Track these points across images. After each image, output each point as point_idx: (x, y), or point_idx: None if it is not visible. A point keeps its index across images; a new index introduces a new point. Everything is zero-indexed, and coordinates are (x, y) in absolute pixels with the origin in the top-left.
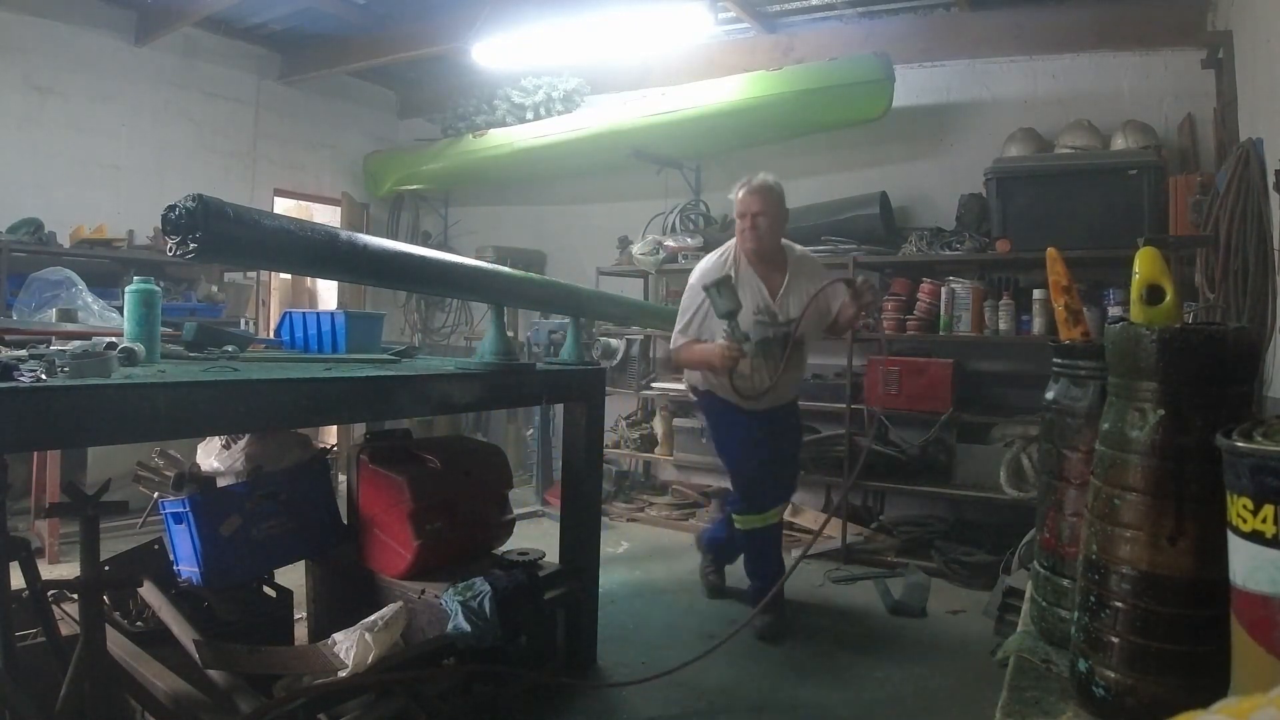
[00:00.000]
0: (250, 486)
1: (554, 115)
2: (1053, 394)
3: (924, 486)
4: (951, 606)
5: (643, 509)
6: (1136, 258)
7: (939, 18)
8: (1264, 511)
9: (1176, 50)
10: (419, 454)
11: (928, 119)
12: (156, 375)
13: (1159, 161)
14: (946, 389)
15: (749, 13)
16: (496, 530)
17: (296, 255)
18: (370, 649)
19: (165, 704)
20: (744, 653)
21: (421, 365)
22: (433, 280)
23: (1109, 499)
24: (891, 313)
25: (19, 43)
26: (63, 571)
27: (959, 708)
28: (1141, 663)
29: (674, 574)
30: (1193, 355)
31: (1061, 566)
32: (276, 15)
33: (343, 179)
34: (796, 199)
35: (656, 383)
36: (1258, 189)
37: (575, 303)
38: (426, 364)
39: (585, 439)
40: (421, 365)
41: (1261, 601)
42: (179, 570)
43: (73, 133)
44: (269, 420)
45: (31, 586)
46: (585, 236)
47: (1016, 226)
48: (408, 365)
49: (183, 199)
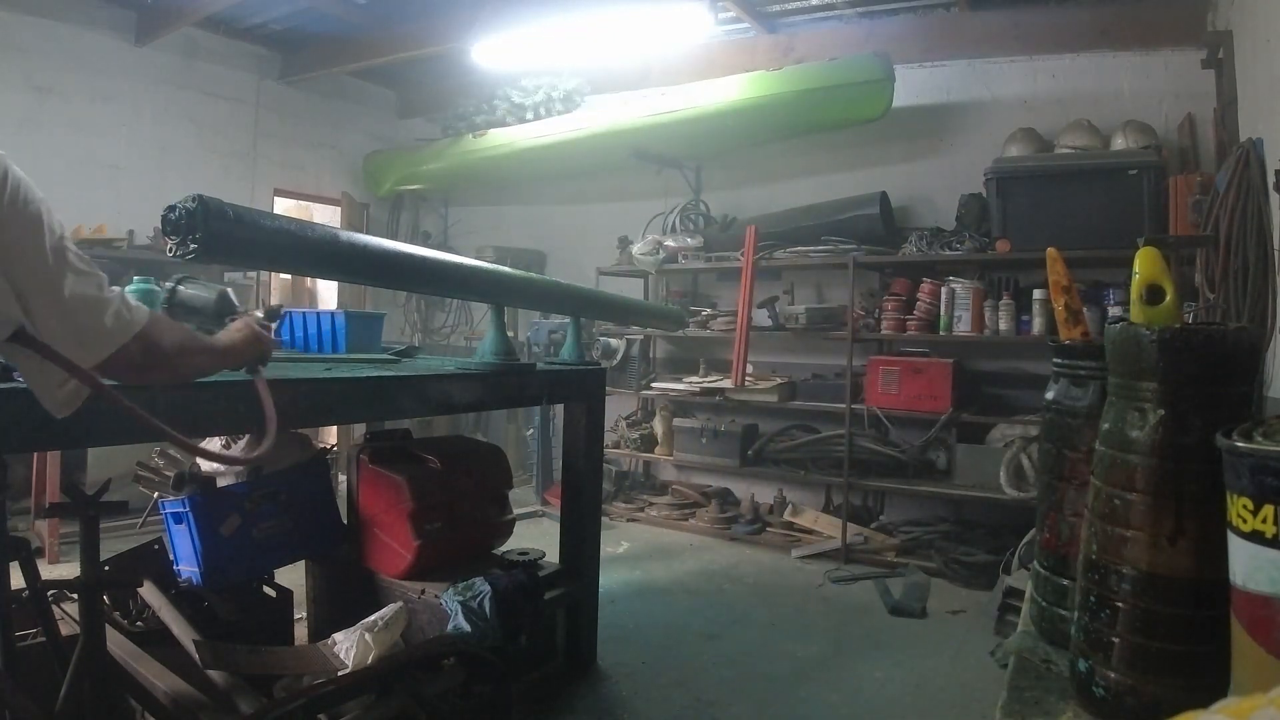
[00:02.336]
0: (250, 486)
1: (554, 115)
2: (1053, 394)
3: (924, 486)
4: (951, 606)
5: (643, 509)
6: (1136, 258)
7: (939, 18)
8: (1264, 511)
9: (1176, 50)
10: (419, 454)
11: (928, 119)
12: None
13: (1159, 161)
14: (946, 389)
15: (749, 13)
16: (496, 530)
17: (296, 255)
18: (370, 649)
19: (165, 704)
20: (744, 653)
21: (421, 365)
22: (433, 280)
23: (1109, 499)
24: (892, 313)
25: (19, 43)
26: (63, 571)
27: (959, 708)
28: (1141, 663)
29: (674, 574)
30: (1193, 355)
31: (1061, 566)
32: (276, 15)
33: (343, 179)
34: (796, 199)
35: (656, 383)
36: (1258, 189)
37: (575, 303)
38: (426, 364)
39: (585, 439)
40: (421, 365)
41: (1261, 601)
42: (179, 570)
43: (73, 133)
44: None
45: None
46: (585, 236)
47: (1016, 226)
48: (408, 365)
49: (183, 199)
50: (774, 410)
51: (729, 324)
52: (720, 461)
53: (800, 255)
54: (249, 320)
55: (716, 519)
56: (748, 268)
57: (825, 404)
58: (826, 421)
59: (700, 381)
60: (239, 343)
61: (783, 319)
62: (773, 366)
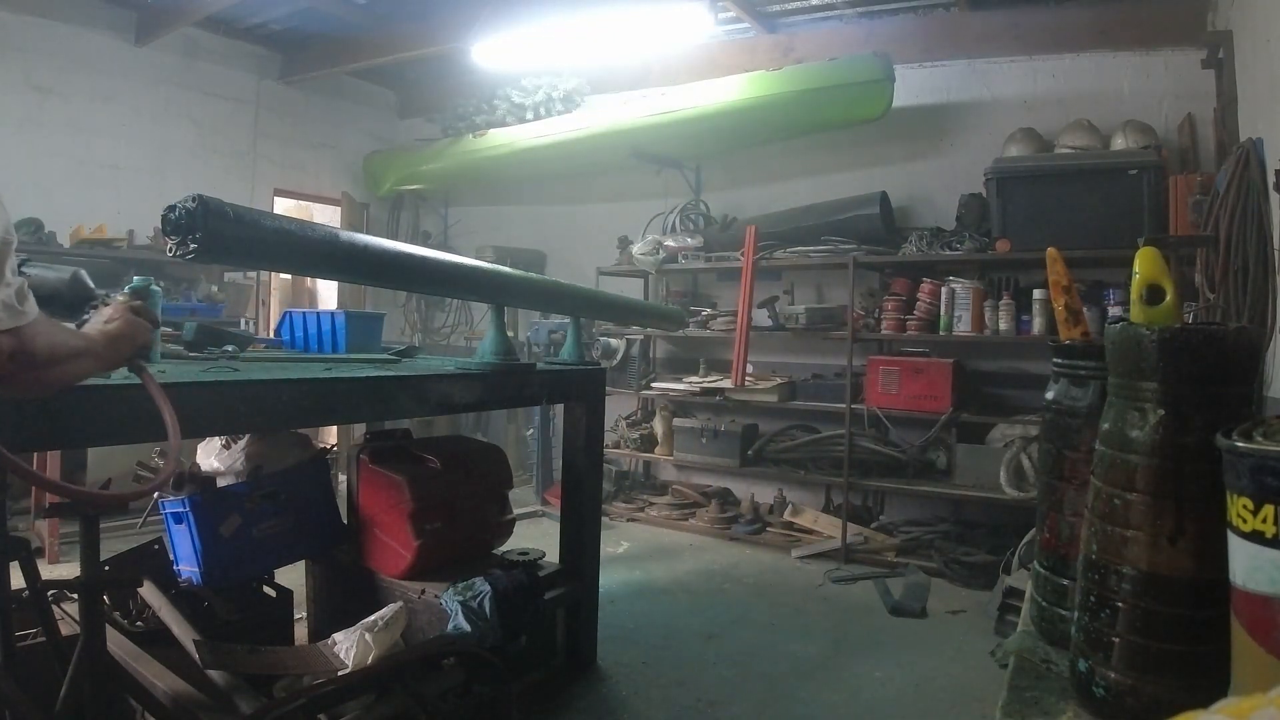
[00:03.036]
0: (250, 486)
1: (554, 115)
2: (1053, 394)
3: (924, 486)
4: (951, 606)
5: (643, 509)
6: (1136, 258)
7: (939, 18)
8: (1264, 511)
9: (1176, 50)
10: (419, 454)
11: (928, 119)
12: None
13: (1159, 161)
14: (946, 389)
15: (749, 13)
16: (496, 530)
17: (296, 255)
18: (370, 649)
19: (165, 704)
20: (744, 652)
21: (421, 365)
22: (433, 280)
23: (1109, 499)
24: (892, 313)
25: (19, 43)
26: (63, 571)
27: (959, 708)
28: (1141, 663)
29: (674, 574)
30: (1193, 355)
31: (1061, 566)
32: (276, 15)
33: (343, 179)
34: (796, 199)
35: (656, 383)
36: (1258, 189)
37: (575, 303)
38: (426, 364)
39: (585, 439)
40: (421, 365)
41: (1261, 601)
42: (179, 570)
43: (73, 133)
44: (269, 420)
45: (31, 586)
46: (585, 236)
47: (1016, 226)
48: (408, 365)
49: (183, 199)
50: (774, 410)
51: (729, 324)
52: (720, 461)
53: (800, 255)
54: (120, 306)
55: (716, 519)
56: (748, 268)
57: (825, 404)
58: (826, 421)
59: (700, 381)
60: (114, 336)
61: (783, 319)
62: (773, 366)
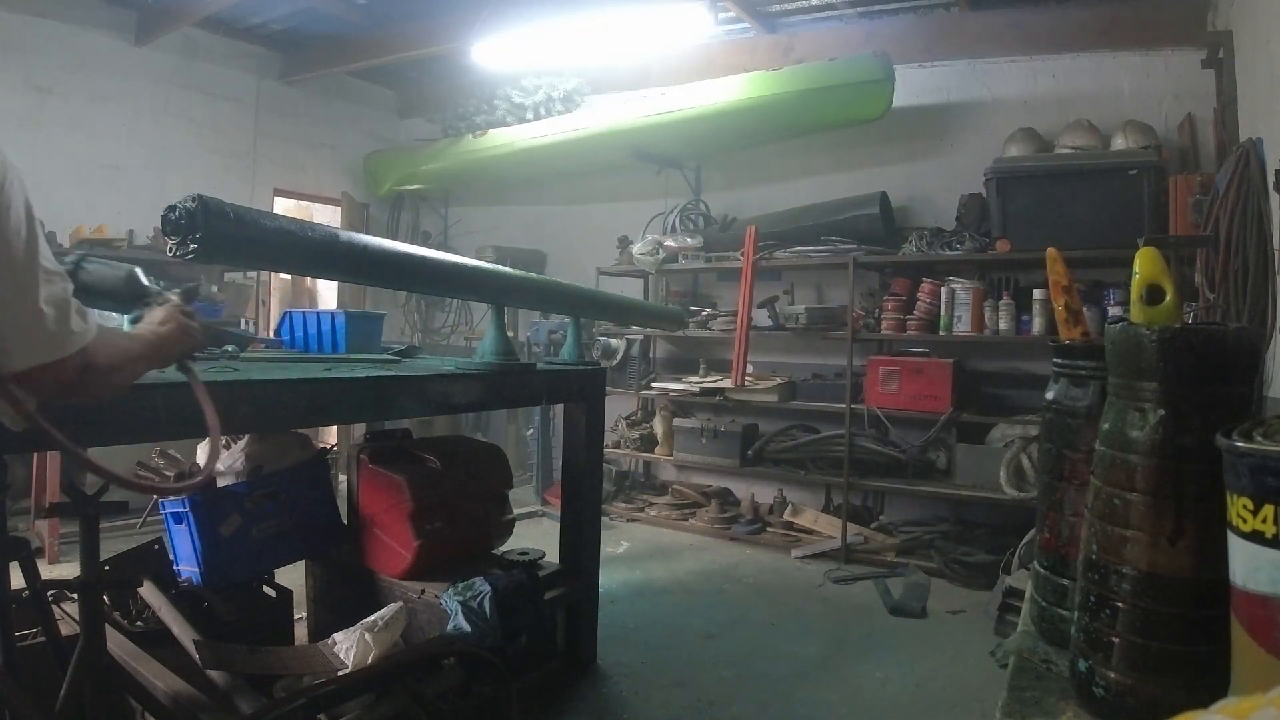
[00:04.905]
0: (250, 486)
1: (554, 115)
2: (1053, 394)
3: (924, 486)
4: (951, 606)
5: (643, 509)
6: (1136, 258)
7: (939, 17)
8: (1264, 511)
9: (1176, 50)
10: (419, 454)
11: (928, 119)
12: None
13: (1159, 161)
14: (946, 389)
15: (749, 13)
16: (496, 530)
17: (296, 255)
18: (370, 649)
19: (165, 704)
20: (744, 652)
21: (421, 365)
22: (433, 280)
23: (1109, 499)
24: (892, 313)
25: (19, 43)
26: (63, 571)
27: (959, 708)
28: (1141, 663)
29: (674, 574)
30: (1193, 355)
31: (1061, 566)
32: (276, 15)
33: (343, 179)
34: (796, 199)
35: (656, 383)
36: (1258, 189)
37: (575, 303)
38: (426, 364)
39: (585, 439)
40: (421, 365)
41: (1261, 601)
42: (179, 570)
43: (73, 133)
44: (269, 420)
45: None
46: (585, 236)
47: (1016, 226)
48: (408, 365)
49: (183, 199)
50: (774, 410)
51: (729, 324)
52: (720, 461)
53: (800, 255)
54: (171, 309)
55: (716, 519)
56: (748, 268)
57: (825, 404)
58: (826, 421)
59: (700, 381)
60: (166, 338)
61: (783, 319)
62: (773, 366)
